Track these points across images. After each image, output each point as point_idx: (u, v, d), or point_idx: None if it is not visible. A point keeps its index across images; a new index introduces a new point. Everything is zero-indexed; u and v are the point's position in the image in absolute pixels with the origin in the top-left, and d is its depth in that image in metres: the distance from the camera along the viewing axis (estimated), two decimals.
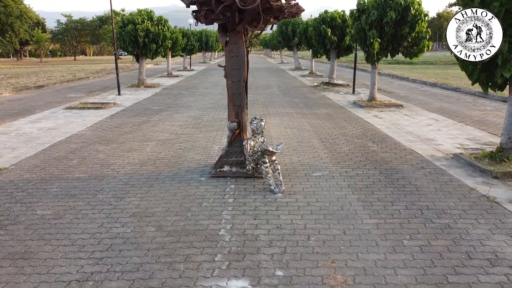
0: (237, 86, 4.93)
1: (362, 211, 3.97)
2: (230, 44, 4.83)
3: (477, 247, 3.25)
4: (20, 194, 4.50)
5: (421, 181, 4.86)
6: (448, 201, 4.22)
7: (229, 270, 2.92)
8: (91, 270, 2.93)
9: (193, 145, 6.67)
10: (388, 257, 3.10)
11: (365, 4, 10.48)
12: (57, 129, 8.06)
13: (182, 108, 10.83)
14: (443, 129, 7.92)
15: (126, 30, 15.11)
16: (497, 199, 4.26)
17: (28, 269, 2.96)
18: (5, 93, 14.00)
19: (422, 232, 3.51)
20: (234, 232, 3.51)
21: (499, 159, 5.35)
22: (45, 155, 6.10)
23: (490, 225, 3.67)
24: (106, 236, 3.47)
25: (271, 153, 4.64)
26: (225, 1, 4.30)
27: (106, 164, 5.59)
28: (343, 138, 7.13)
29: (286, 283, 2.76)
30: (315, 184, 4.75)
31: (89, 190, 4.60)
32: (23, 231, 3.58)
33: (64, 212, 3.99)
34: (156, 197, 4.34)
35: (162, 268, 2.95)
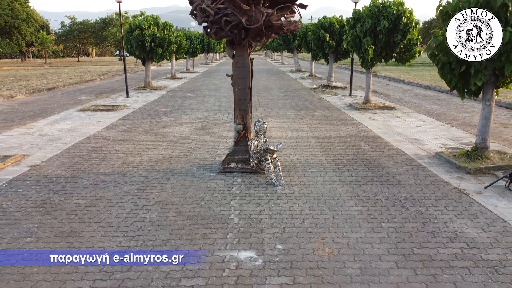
0: (242, 93, 5.64)
1: (350, 200, 4.68)
2: (237, 57, 5.54)
3: (442, 228, 3.96)
4: (55, 186, 5.21)
5: (403, 176, 5.57)
6: (424, 193, 4.93)
7: (239, 244, 3.63)
8: (128, 245, 3.64)
9: (202, 145, 7.38)
10: (367, 236, 3.80)
11: (360, 13, 11.19)
12: (76, 130, 8.77)
13: (189, 110, 11.54)
14: (430, 130, 8.63)
15: (133, 35, 15.83)
16: (466, 191, 4.96)
17: (77, 244, 3.67)
18: (19, 95, 14.72)
19: (398, 217, 4.22)
20: (242, 217, 4.22)
21: (474, 157, 6.06)
22: (69, 154, 6.82)
23: (456, 211, 4.37)
24: (136, 220, 4.18)
25: (272, 151, 5.35)
26: (233, 21, 5.01)
27: (126, 162, 6.31)
28: (338, 138, 7.84)
29: (284, 253, 3.47)
30: (310, 178, 5.46)
31: (115, 183, 5.31)
32: (65, 216, 4.29)
33: (97, 201, 4.70)
34: (174, 189, 5.05)
35: (185, 243, 3.67)
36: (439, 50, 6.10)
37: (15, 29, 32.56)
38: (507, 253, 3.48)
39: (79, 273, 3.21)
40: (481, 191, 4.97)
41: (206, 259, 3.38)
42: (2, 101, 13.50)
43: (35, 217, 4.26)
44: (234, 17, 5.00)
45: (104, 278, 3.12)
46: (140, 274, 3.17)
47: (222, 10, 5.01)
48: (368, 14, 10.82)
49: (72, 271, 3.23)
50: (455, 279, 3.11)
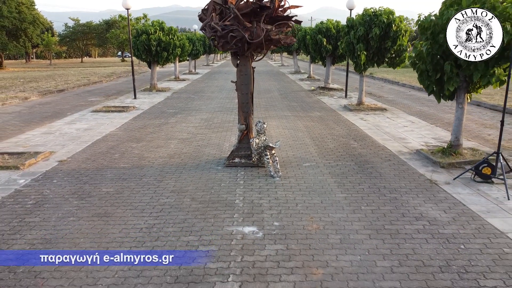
0: (245, 97, 6.49)
1: (336, 189, 5.52)
2: (240, 66, 6.38)
3: (411, 211, 4.80)
4: (84, 178, 6.05)
5: (385, 169, 6.41)
6: (401, 183, 5.77)
7: (243, 222, 4.47)
8: (153, 222, 4.48)
9: (208, 143, 8.22)
10: (348, 216, 4.64)
11: (354, 21, 12.03)
12: (92, 129, 9.61)
13: (194, 111, 12.38)
14: (415, 130, 9.46)
15: (140, 39, 16.67)
16: (437, 181, 5.80)
17: (111, 222, 4.51)
18: (32, 97, 15.57)
19: (376, 202, 5.06)
20: (245, 201, 5.06)
21: (448, 153, 6.90)
22: (91, 151, 7.66)
23: (425, 198, 5.21)
24: (157, 204, 5.02)
25: (271, 148, 6.19)
26: (237, 36, 5.85)
27: (142, 157, 7.15)
28: (330, 137, 8.68)
29: (280, 228, 4.31)
30: (304, 171, 6.29)
31: (135, 175, 6.15)
32: (98, 201, 5.13)
33: (122, 189, 5.54)
34: (187, 180, 5.89)
35: (199, 221, 4.50)
36: (418, 59, 6.95)
37: (22, 31, 33.42)
38: (459, 229, 4.31)
39: (85, 271, 4.05)
40: (450, 181, 5.80)
41: (218, 231, 4.23)
42: (18, 103, 14.36)
43: (72, 202, 5.10)
44: (238, 33, 5.83)
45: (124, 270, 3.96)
46: (165, 243, 4.01)
47: (228, 26, 5.85)
48: (361, 22, 11.66)
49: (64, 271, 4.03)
50: (414, 246, 3.94)
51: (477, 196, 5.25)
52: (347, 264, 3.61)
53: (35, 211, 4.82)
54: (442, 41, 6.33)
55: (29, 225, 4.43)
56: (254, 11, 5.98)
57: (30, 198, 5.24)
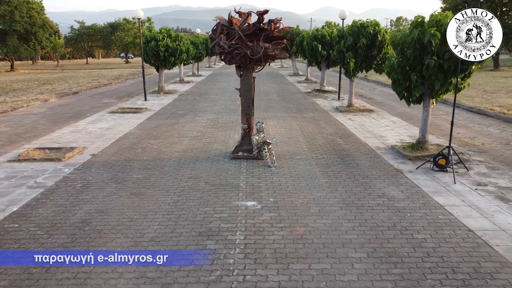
0: (247, 102, 7.88)
1: (320, 176, 6.90)
2: (243, 76, 7.77)
3: (376, 191, 6.18)
4: (116, 167, 7.45)
5: (362, 161, 7.80)
6: (372, 171, 7.15)
7: (246, 198, 5.85)
8: (177, 199, 5.87)
9: (215, 140, 9.60)
10: (327, 195, 6.02)
11: (344, 31, 13.42)
12: (113, 128, 11.00)
13: (200, 112, 13.77)
14: (395, 129, 10.85)
15: (149, 46, 18.06)
16: (402, 170, 7.19)
17: (145, 199, 5.90)
18: (52, 99, 16.98)
19: (350, 185, 6.44)
20: (247, 185, 6.45)
21: (416, 148, 8.28)
22: (116, 146, 9.05)
23: (389, 182, 6.59)
24: (178, 186, 6.41)
25: (269, 143, 7.57)
26: (241, 53, 7.24)
27: (161, 152, 8.54)
28: (320, 135, 10.07)
29: (274, 203, 5.69)
30: (295, 162, 7.68)
31: (157, 166, 7.54)
32: (131, 185, 6.52)
33: (149, 176, 6.93)
34: (200, 169, 7.28)
35: (212, 198, 5.89)
36: (392, 70, 8.33)
37: (32, 35, 34.91)
38: (410, 203, 5.70)
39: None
40: (413, 170, 7.19)
41: (227, 205, 5.62)
42: (40, 105, 15.76)
43: (111, 185, 6.50)
44: (242, 50, 7.23)
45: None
46: (185, 212, 5.40)
47: (233, 45, 7.24)
48: (350, 33, 13.04)
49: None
50: (373, 214, 5.32)
51: (431, 181, 6.64)
52: (322, 225, 5.00)
53: (84, 192, 6.21)
54: (409, 55, 7.72)
55: (83, 201, 5.83)
56: (255, 32, 7.37)
57: (77, 182, 6.64)
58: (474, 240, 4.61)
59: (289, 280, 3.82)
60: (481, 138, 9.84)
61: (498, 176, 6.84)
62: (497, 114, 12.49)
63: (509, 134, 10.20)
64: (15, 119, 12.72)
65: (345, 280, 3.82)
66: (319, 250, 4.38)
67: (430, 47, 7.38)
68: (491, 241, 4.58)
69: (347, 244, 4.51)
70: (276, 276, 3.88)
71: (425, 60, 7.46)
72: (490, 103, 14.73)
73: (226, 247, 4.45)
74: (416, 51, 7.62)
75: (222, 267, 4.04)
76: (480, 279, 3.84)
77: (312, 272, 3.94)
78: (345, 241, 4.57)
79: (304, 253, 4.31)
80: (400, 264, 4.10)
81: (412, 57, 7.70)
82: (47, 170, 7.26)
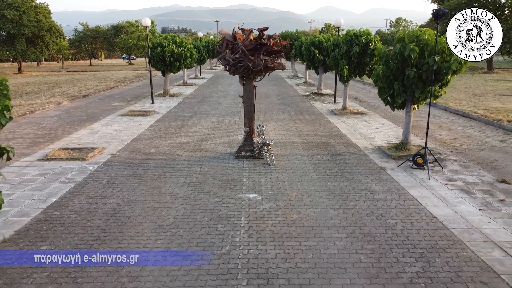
0: (249, 108, 8.91)
1: (313, 172, 7.93)
2: (246, 85, 8.80)
3: (360, 185, 7.21)
4: (135, 165, 8.48)
5: (351, 160, 8.82)
6: (359, 169, 8.18)
7: (249, 191, 6.88)
8: (190, 192, 6.90)
9: (220, 141, 10.64)
10: (318, 188, 7.05)
11: (338, 40, 14.45)
12: (126, 130, 12.03)
13: (205, 115, 14.80)
14: (384, 131, 11.88)
15: (156, 51, 19.10)
16: (385, 168, 8.21)
17: (163, 192, 6.93)
18: (64, 102, 18.02)
19: (338, 180, 7.47)
20: (250, 180, 7.48)
21: (400, 148, 9.31)
22: (131, 147, 10.08)
23: (372, 178, 7.62)
24: (190, 181, 7.44)
25: (268, 144, 8.60)
26: (244, 65, 8.28)
27: (172, 152, 9.57)
28: (315, 136, 11.10)
29: (272, 195, 6.73)
30: (292, 161, 8.71)
31: (170, 164, 8.57)
32: (149, 180, 7.55)
33: (164, 173, 7.96)
34: (208, 167, 8.32)
35: (220, 191, 6.92)
36: (378, 79, 9.35)
37: (40, 38, 36.01)
38: (388, 195, 6.72)
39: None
40: (394, 168, 8.22)
41: (233, 197, 6.65)
42: (54, 108, 16.80)
43: (132, 181, 7.53)
44: (245, 63, 8.26)
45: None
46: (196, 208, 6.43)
47: (237, 58, 8.27)
48: (344, 42, 14.07)
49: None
50: (355, 204, 6.34)
51: (409, 177, 7.67)
52: (312, 213, 6.02)
53: (110, 186, 7.25)
54: (392, 67, 8.75)
55: (110, 194, 6.86)
56: (256, 47, 8.40)
57: (102, 178, 7.67)
58: (435, 224, 5.64)
59: (284, 253, 4.85)
60: (460, 139, 10.86)
61: (468, 173, 7.87)
62: (480, 117, 13.51)
63: (486, 136, 11.22)
64: (34, 121, 13.76)
65: (328, 253, 4.85)
66: (309, 231, 5.41)
67: (410, 60, 8.42)
68: (450, 225, 5.61)
69: (332, 227, 5.54)
70: (273, 250, 4.91)
71: (406, 71, 8.49)
72: (476, 106, 15.75)
73: (233, 229, 5.48)
74: (398, 63, 8.65)
75: (230, 244, 5.08)
76: (434, 252, 4.87)
77: (302, 248, 4.97)
78: (330, 225, 5.60)
79: (296, 233, 5.34)
80: (373, 242, 5.13)
81: (395, 68, 8.73)
82: (74, 168, 8.30)
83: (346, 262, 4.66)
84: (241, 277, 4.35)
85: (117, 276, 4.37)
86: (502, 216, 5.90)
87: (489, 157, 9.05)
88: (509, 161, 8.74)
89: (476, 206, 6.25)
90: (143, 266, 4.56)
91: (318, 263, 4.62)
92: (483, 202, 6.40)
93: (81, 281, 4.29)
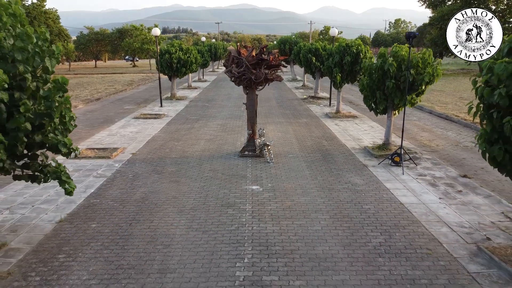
0: (251, 113, 10.36)
1: (306, 169, 9.37)
2: (249, 94, 10.24)
3: (345, 179, 8.64)
4: (154, 163, 9.92)
5: (339, 158, 10.26)
6: (345, 166, 9.61)
7: (251, 184, 8.32)
8: (203, 184, 8.33)
9: (226, 142, 12.08)
10: (309, 182, 8.49)
11: (331, 49, 15.89)
12: (141, 132, 13.47)
13: (211, 118, 16.24)
14: (371, 133, 13.31)
15: (164, 58, 20.54)
16: (367, 165, 9.64)
17: (181, 184, 8.36)
18: (79, 105, 19.47)
19: (326, 175, 8.90)
20: (253, 175, 8.91)
21: (382, 148, 10.75)
22: (148, 147, 11.52)
23: (356, 173, 9.05)
24: (203, 176, 8.87)
25: (268, 145, 10.05)
26: (247, 77, 9.72)
27: (184, 151, 11.01)
28: (310, 138, 12.53)
29: (272, 187, 8.16)
30: (288, 159, 10.15)
31: (184, 161, 10.00)
32: (168, 175, 8.99)
33: (180, 169, 9.40)
34: (217, 164, 9.75)
35: (227, 184, 8.35)
36: (363, 88, 10.78)
37: (49, 43, 37.41)
38: (366, 187, 8.16)
39: None
40: (375, 165, 9.65)
41: (239, 188, 8.09)
42: (72, 111, 18.20)
43: (154, 176, 8.97)
44: (248, 76, 9.70)
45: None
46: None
47: (241, 71, 9.71)
48: (337, 51, 15.50)
49: None
50: (338, 194, 7.77)
51: (386, 173, 9.10)
52: (303, 200, 7.46)
53: (136, 180, 8.69)
54: (375, 78, 10.19)
55: (138, 186, 8.30)
56: (257, 62, 9.84)
57: (128, 174, 9.11)
58: (401, 209, 7.07)
59: (279, 229, 6.29)
60: (438, 140, 12.30)
61: (437, 170, 9.31)
62: (460, 120, 14.94)
63: (462, 137, 12.66)
64: None
65: (313, 229, 6.29)
66: (299, 214, 6.85)
67: (389, 72, 9.85)
68: (412, 209, 7.05)
69: (318, 211, 6.98)
70: (271, 227, 6.35)
71: (386, 82, 9.92)
72: (460, 109, 17.17)
73: (240, 212, 6.92)
74: (379, 75, 10.09)
75: (238, 223, 6.51)
76: (395, 229, 6.31)
77: (294, 226, 6.41)
78: (317, 209, 7.04)
79: (290, 215, 6.78)
80: (349, 221, 6.57)
81: (377, 79, 10.17)
82: (102, 165, 9.74)
83: (327, 235, 6.10)
84: (247, 245, 5.79)
85: (153, 244, 5.82)
86: (456, 203, 7.33)
87: (459, 156, 10.49)
88: (475, 159, 10.17)
89: (437, 195, 7.69)
90: (173, 237, 6.01)
91: (305, 236, 6.06)
92: (443, 193, 7.84)
93: (127, 247, 5.73)
